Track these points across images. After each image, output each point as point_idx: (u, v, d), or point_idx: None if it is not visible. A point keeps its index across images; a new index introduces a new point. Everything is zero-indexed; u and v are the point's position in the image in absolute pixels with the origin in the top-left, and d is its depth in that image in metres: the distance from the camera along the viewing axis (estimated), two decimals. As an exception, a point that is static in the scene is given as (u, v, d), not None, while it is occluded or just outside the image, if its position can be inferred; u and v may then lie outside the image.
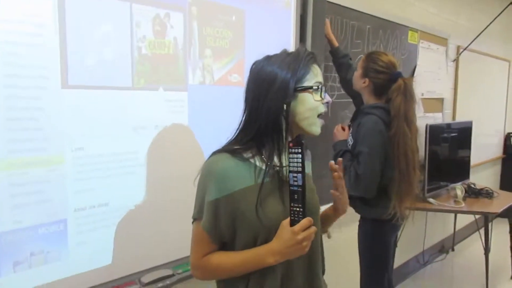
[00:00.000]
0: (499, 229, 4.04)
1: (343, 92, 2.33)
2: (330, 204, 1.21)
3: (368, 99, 1.96)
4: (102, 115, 1.28)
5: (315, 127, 1.06)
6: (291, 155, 0.97)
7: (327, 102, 1.06)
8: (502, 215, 3.22)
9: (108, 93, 1.29)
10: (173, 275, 1.45)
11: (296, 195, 0.96)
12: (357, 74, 1.97)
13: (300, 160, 0.96)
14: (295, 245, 0.95)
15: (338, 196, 1.11)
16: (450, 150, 3.42)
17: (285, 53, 1.05)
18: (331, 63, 2.26)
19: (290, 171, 0.97)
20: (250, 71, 1.06)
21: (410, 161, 1.83)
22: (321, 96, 1.04)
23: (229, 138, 1.07)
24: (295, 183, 0.96)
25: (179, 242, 1.47)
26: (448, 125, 3.48)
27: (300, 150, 0.96)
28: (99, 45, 1.25)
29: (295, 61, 1.02)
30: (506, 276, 3.36)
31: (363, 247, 2.04)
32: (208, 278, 1.09)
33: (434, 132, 3.12)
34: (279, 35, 1.86)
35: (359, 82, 1.95)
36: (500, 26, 4.33)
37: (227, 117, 1.11)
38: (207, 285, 1.68)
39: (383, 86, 1.88)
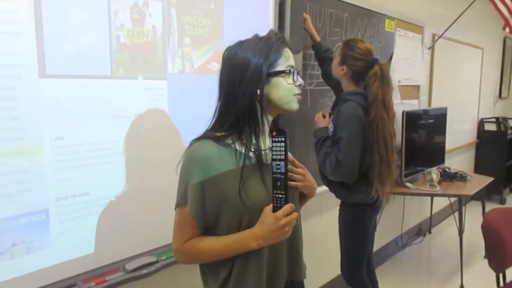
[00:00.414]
0: (473, 211, 4.20)
1: (321, 80, 2.37)
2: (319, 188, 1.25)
3: (347, 86, 1.99)
4: (81, 104, 1.27)
5: (293, 104, 1.09)
6: (274, 144, 1.00)
7: (299, 85, 1.09)
8: (475, 197, 3.35)
9: (87, 82, 1.28)
10: (157, 261, 1.47)
11: (279, 182, 1.00)
12: (335, 61, 2.00)
13: (283, 149, 0.99)
14: (277, 230, 0.99)
15: (301, 185, 1.14)
16: (426, 136, 3.51)
17: (256, 38, 1.07)
18: (310, 51, 2.29)
19: (273, 159, 1.00)
20: (223, 58, 1.08)
21: (389, 145, 1.89)
22: (293, 79, 1.07)
23: (208, 126, 1.09)
24: (278, 171, 1.00)
25: (162, 229, 1.49)
26: (424, 111, 3.57)
27: (283, 139, 0.99)
28: (76, 33, 1.24)
29: (266, 46, 1.04)
30: (479, 255, 3.49)
31: (344, 231, 2.09)
32: (191, 262, 1.11)
33: (411, 118, 3.20)
34: (258, 23, 1.87)
35: (338, 69, 1.98)
36: (473, 14, 4.43)
37: (207, 105, 1.12)
38: (191, 271, 1.72)
39: (361, 72, 1.92)
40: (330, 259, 2.62)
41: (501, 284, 2.05)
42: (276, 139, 0.99)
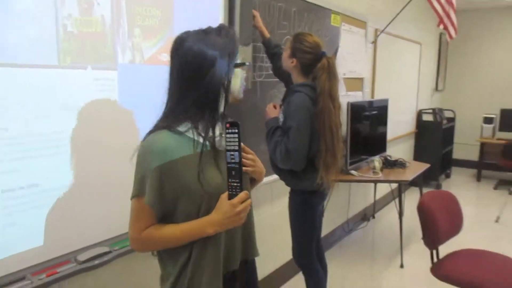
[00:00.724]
0: (412, 196, 4.50)
1: (270, 72, 2.44)
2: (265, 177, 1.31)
3: (297, 78, 2.07)
4: (27, 94, 1.25)
5: (240, 92, 1.19)
6: (228, 135, 1.05)
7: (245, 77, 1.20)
8: (414, 184, 3.59)
9: (32, 71, 1.26)
10: (110, 251, 1.48)
11: (233, 171, 1.05)
12: (285, 54, 2.07)
13: (236, 140, 1.04)
14: (233, 216, 1.05)
15: (251, 170, 1.20)
16: (369, 126, 3.71)
17: (215, 33, 1.11)
18: (259, 44, 2.35)
19: (227, 150, 1.05)
20: (180, 49, 1.09)
21: (335, 135, 1.99)
22: (245, 71, 1.18)
23: (160, 115, 1.12)
24: (233, 161, 1.05)
25: (115, 220, 1.50)
26: (367, 103, 3.76)
27: (236, 130, 1.04)
28: (20, 21, 1.21)
29: (231, 40, 1.11)
30: (417, 236, 3.74)
31: (293, 217, 2.18)
32: (149, 250, 1.14)
33: (355, 109, 3.36)
34: (208, 14, 1.90)
35: (288, 62, 2.05)
36: (412, 11, 4.70)
37: (158, 96, 1.14)
38: (147, 260, 1.73)
39: (309, 65, 2.01)
40: (282, 245, 2.71)
41: (435, 260, 2.24)
42: (230, 130, 1.04)
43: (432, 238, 2.15)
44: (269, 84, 2.55)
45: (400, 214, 3.33)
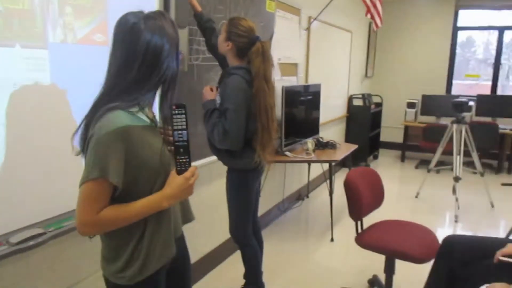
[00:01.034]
0: (343, 176, 4.77)
1: (207, 55, 2.48)
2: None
3: (232, 61, 2.14)
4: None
5: None
6: (175, 116, 1.14)
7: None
8: (345, 165, 3.82)
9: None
10: (44, 233, 1.47)
11: (182, 149, 1.15)
12: (221, 38, 2.13)
13: (184, 120, 1.14)
14: (187, 188, 1.17)
15: None
16: (303, 110, 3.89)
17: (164, 22, 1.16)
18: (195, 27, 2.38)
19: (175, 130, 1.13)
20: (132, 35, 1.11)
21: (270, 115, 2.10)
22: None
23: (100, 94, 1.14)
24: (181, 139, 1.14)
25: (49, 201, 1.49)
26: (301, 87, 3.93)
27: (183, 111, 1.14)
28: None
29: (177, 34, 1.19)
30: (346, 213, 4.02)
31: (231, 195, 2.27)
32: (102, 231, 1.16)
33: (289, 93, 3.51)
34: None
35: (223, 45, 2.11)
36: (344, 0, 4.94)
37: (92, 75, 1.16)
38: (81, 242, 1.74)
39: (244, 48, 2.08)
40: (220, 224, 2.81)
41: (359, 231, 2.46)
42: (177, 111, 1.14)
43: (356, 210, 2.36)
44: (206, 67, 2.59)
45: (331, 192, 3.56)
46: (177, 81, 1.20)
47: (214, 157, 2.31)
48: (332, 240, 3.48)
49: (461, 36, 6.89)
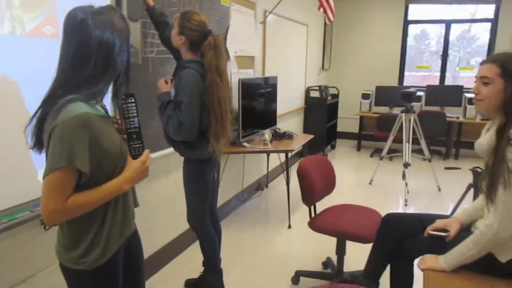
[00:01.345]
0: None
1: (162, 48, 2.51)
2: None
3: (186, 54, 2.19)
4: None
5: None
6: (125, 105, 1.22)
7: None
8: (304, 155, 3.96)
9: None
10: (-3, 225, 1.48)
11: (135, 135, 1.24)
12: (174, 31, 2.16)
13: (134, 108, 1.23)
14: (144, 171, 1.26)
15: None
16: (260, 102, 3.98)
17: (115, 17, 1.20)
18: (149, 20, 2.40)
19: (126, 118, 1.22)
20: (82, 29, 1.14)
21: (223, 107, 2.17)
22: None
23: (53, 86, 1.17)
24: (133, 126, 1.23)
25: (2, 193, 1.49)
26: (258, 80, 4.02)
27: (133, 100, 1.22)
28: None
29: (128, 28, 1.24)
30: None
31: (188, 185, 2.33)
32: (69, 218, 1.19)
33: (246, 86, 3.59)
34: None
35: (177, 39, 2.15)
36: (298, -6, 5.06)
37: (42, 67, 1.18)
38: (34, 236, 1.76)
39: (197, 42, 2.13)
40: (178, 215, 2.85)
41: (313, 215, 2.59)
42: (128, 100, 1.22)
43: (308, 196, 2.48)
44: (161, 60, 2.62)
45: (288, 181, 3.69)
46: (130, 74, 1.26)
47: (170, 149, 2.36)
48: (289, 227, 3.61)
49: (416, 29, 7.22)
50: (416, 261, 1.65)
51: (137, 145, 1.25)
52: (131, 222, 1.32)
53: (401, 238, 1.76)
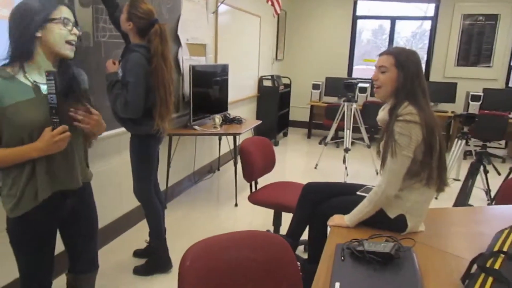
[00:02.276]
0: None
1: (114, 33, 2.67)
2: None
3: (133, 39, 2.37)
4: None
5: (65, 50, 1.45)
6: (47, 81, 1.35)
7: (74, 33, 1.45)
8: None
9: None
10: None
11: (54, 110, 1.37)
12: (123, 17, 2.34)
13: (53, 85, 1.35)
14: (53, 144, 1.39)
15: (87, 129, 1.52)
16: (211, 88, 4.20)
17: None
18: (101, 6, 2.55)
19: (48, 93, 1.36)
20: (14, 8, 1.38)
21: (167, 89, 2.38)
22: (67, 28, 1.43)
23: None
24: (52, 102, 1.36)
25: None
26: (209, 66, 4.23)
27: (52, 78, 1.35)
28: None
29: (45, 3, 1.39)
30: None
31: (134, 158, 2.52)
32: None
33: (197, 72, 3.79)
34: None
35: (125, 24, 2.33)
36: (251, -14, 5.28)
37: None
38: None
39: (144, 29, 2.33)
40: (129, 191, 3.03)
41: (253, 190, 2.86)
42: (48, 78, 1.35)
43: (248, 172, 2.75)
44: (113, 44, 2.78)
45: (235, 162, 3.95)
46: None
47: (122, 129, 2.54)
48: (236, 205, 3.88)
49: (375, 24, 7.66)
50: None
51: (55, 120, 1.36)
52: (47, 188, 1.46)
53: (317, 202, 2.07)
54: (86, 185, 1.63)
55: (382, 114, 1.80)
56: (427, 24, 7.23)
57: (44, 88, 1.41)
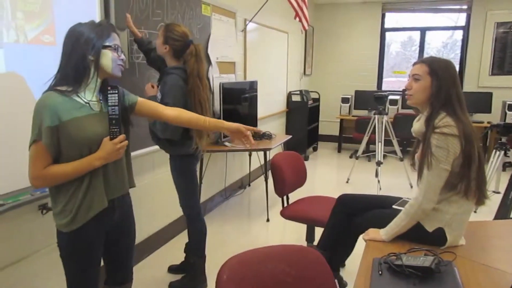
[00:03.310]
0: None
1: (147, 54, 2.78)
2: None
3: (170, 61, 2.46)
4: None
5: (118, 72, 1.57)
6: (110, 95, 1.48)
7: (121, 59, 1.56)
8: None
9: None
10: (3, 204, 1.72)
11: (114, 121, 1.49)
12: (159, 41, 2.44)
13: (116, 98, 1.49)
14: (115, 151, 1.50)
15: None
16: (241, 104, 4.25)
17: (94, 22, 1.51)
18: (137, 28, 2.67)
19: (109, 106, 1.47)
20: (68, 31, 1.47)
21: (204, 107, 2.44)
22: (117, 54, 1.53)
23: (50, 83, 1.46)
24: (114, 113, 1.49)
25: (7, 179, 1.73)
26: (238, 83, 4.29)
27: (116, 91, 1.49)
28: None
29: (100, 27, 1.50)
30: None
31: (177, 178, 2.57)
32: (48, 184, 1.48)
33: (227, 89, 3.86)
34: (85, 2, 2.17)
35: (162, 48, 2.43)
36: (279, 3, 5.36)
37: (42, 70, 1.45)
38: (34, 220, 2.00)
39: (180, 50, 2.41)
40: (163, 208, 3.11)
41: (285, 205, 2.86)
42: (112, 91, 1.49)
43: (280, 187, 2.76)
44: (146, 65, 2.88)
45: (266, 177, 3.96)
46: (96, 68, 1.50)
47: (156, 147, 2.60)
48: (268, 220, 3.88)
49: (404, 35, 7.59)
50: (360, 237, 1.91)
51: (115, 130, 1.48)
52: (103, 198, 1.53)
53: (351, 214, 2.04)
54: (126, 197, 1.69)
55: (418, 125, 1.77)
56: (458, 34, 7.10)
57: (94, 105, 1.51)
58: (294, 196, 3.00)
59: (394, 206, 1.98)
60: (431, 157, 1.63)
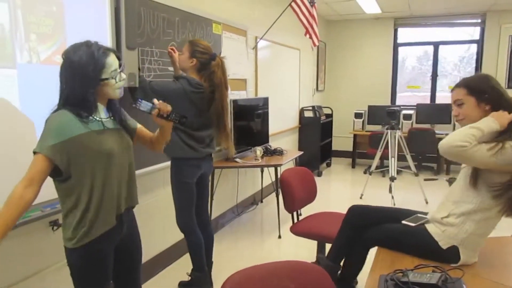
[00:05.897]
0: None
1: (159, 73, 2.84)
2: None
3: (192, 75, 2.52)
4: None
5: (115, 94, 1.60)
6: (139, 108, 1.66)
7: (122, 80, 1.59)
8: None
9: None
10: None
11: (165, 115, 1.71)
12: (184, 57, 2.52)
13: (143, 105, 1.65)
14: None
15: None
16: (252, 120, 4.28)
17: (86, 51, 1.50)
18: (147, 48, 2.73)
19: (149, 112, 1.66)
20: (63, 58, 1.51)
21: (226, 114, 2.61)
22: (116, 80, 1.56)
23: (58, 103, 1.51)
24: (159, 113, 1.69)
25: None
26: (249, 100, 4.33)
27: (138, 103, 1.65)
28: None
29: (92, 59, 1.49)
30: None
31: (173, 188, 2.61)
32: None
33: (238, 106, 3.90)
34: (96, 23, 2.24)
35: (187, 62, 2.51)
36: (289, 21, 5.41)
37: (53, 90, 1.50)
38: (45, 234, 2.03)
39: (205, 63, 2.50)
40: (173, 226, 3.10)
41: (295, 221, 2.84)
42: (136, 105, 1.67)
43: (289, 203, 2.74)
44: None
45: (277, 193, 3.94)
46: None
47: (166, 164, 2.63)
48: (279, 237, 3.85)
49: (419, 50, 7.56)
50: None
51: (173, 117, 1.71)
52: (112, 215, 1.55)
53: (362, 226, 2.02)
54: (131, 211, 1.70)
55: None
56: (474, 48, 7.03)
57: (107, 122, 1.58)
58: (306, 212, 2.98)
59: (403, 222, 1.94)
60: (500, 149, 1.59)
